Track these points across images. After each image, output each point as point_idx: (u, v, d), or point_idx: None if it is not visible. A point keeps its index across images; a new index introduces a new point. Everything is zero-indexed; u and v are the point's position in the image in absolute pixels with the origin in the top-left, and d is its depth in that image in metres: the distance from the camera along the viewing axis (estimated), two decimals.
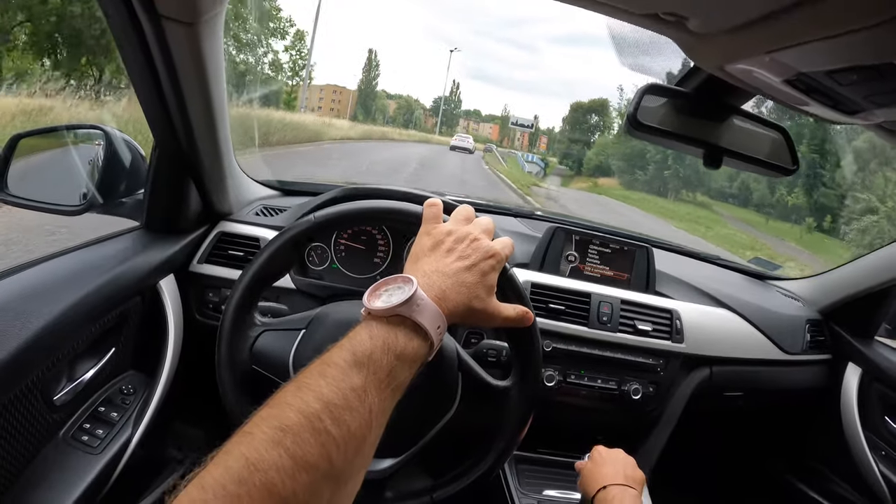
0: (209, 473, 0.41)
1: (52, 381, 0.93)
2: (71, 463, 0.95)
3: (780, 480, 1.84)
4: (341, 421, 0.47)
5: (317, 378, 0.49)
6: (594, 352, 1.35)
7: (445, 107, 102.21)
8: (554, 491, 1.31)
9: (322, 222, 0.87)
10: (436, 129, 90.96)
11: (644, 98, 0.78)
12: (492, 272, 0.68)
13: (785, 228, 19.95)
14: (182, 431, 1.40)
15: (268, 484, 0.41)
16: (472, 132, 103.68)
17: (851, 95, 0.57)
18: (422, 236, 0.71)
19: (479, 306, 0.66)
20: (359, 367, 0.52)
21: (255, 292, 0.88)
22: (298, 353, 0.83)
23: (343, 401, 0.48)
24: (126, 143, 1.16)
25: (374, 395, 0.51)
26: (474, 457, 0.86)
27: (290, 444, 0.43)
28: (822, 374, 1.65)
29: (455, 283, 0.64)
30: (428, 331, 0.58)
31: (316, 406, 0.46)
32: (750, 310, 1.54)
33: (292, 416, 0.45)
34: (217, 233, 1.32)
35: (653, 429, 1.44)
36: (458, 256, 0.66)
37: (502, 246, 0.70)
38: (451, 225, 0.71)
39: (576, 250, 1.46)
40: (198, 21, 0.86)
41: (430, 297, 0.60)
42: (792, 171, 0.84)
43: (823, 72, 0.52)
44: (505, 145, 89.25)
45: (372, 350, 0.53)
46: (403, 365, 0.55)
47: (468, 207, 0.75)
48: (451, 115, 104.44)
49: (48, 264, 0.98)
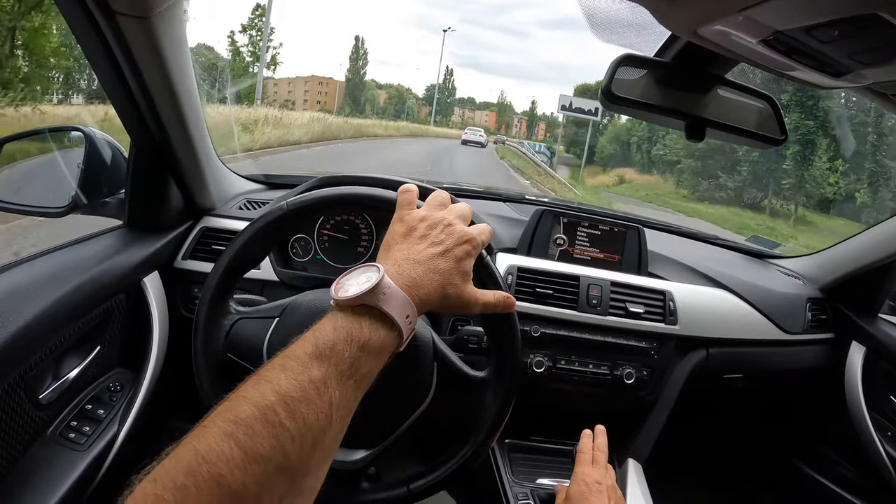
0: (161, 467, 0.41)
1: (37, 380, 0.93)
2: (58, 460, 0.95)
3: (786, 464, 1.81)
4: (297, 413, 0.46)
5: (277, 371, 0.49)
6: (584, 336, 1.32)
7: (439, 95, 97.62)
8: (547, 479, 1.28)
9: (294, 209, 0.85)
10: (430, 119, 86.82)
11: (619, 70, 0.75)
12: (467, 258, 0.66)
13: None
14: (176, 427, 1.38)
15: (216, 476, 0.41)
16: (468, 120, 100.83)
17: (834, 55, 0.55)
18: (395, 223, 0.69)
19: (454, 293, 0.64)
20: (319, 358, 0.50)
21: (230, 281, 0.87)
22: (272, 342, 0.82)
23: (301, 393, 0.47)
24: (107, 142, 1.16)
25: (335, 387, 0.50)
26: (451, 448, 0.85)
27: (241, 436, 0.43)
28: (824, 353, 1.61)
29: (427, 270, 0.62)
30: (395, 320, 0.57)
31: (271, 398, 0.46)
32: (747, 289, 1.49)
33: (246, 409, 0.45)
34: (200, 228, 1.31)
35: (648, 414, 1.41)
36: (431, 243, 0.65)
37: (478, 232, 0.68)
38: (425, 210, 0.70)
39: (564, 233, 1.43)
40: (151, 14, 0.85)
41: (398, 284, 0.58)
42: (780, 142, 0.81)
43: (801, 28, 0.49)
44: (502, 132, 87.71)
45: (335, 341, 0.52)
46: (368, 356, 0.54)
47: (443, 193, 0.74)
48: (445, 105, 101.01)
49: (28, 265, 0.98)
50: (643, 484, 1.33)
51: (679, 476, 1.70)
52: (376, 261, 0.64)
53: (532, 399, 1.32)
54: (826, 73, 0.59)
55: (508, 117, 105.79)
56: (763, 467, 1.91)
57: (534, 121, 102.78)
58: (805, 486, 1.74)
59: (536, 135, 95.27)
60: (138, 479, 0.41)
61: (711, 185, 22.06)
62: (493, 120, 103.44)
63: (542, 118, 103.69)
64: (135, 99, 1.03)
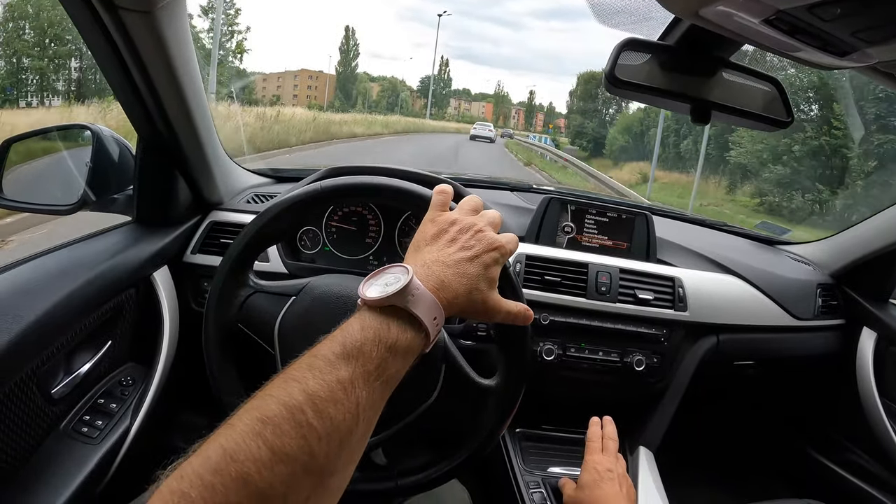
0: (189, 464, 0.41)
1: (49, 376, 0.94)
2: (71, 454, 0.96)
3: (797, 451, 1.79)
4: (325, 413, 0.46)
5: (304, 370, 0.49)
6: (594, 323, 1.31)
7: (434, 86, 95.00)
8: (558, 468, 1.28)
9: (328, 191, 0.85)
10: (425, 111, 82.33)
11: (622, 55, 0.74)
12: (494, 265, 0.66)
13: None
14: (187, 421, 1.42)
15: (243, 474, 0.41)
16: (464, 112, 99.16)
17: (838, 33, 0.54)
18: (426, 223, 0.70)
19: (480, 298, 0.64)
20: (347, 359, 0.50)
21: (252, 253, 0.88)
22: (285, 319, 0.83)
23: (328, 393, 0.47)
24: (115, 139, 1.16)
25: (363, 387, 0.50)
26: (445, 450, 0.85)
27: (269, 435, 0.43)
28: (835, 339, 1.59)
29: (455, 274, 0.62)
30: (423, 322, 0.57)
31: (299, 398, 0.46)
32: (756, 275, 1.48)
33: (274, 408, 0.45)
34: (209, 222, 1.31)
35: (659, 401, 1.40)
36: (461, 247, 0.65)
37: (507, 240, 0.68)
38: (457, 214, 0.70)
39: (572, 220, 1.43)
40: (154, 9, 0.86)
41: (427, 286, 0.58)
42: (786, 124, 0.81)
43: (803, 7, 0.49)
44: (500, 124, 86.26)
45: (363, 342, 0.52)
46: (395, 357, 0.54)
47: (476, 198, 0.74)
48: (441, 96, 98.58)
49: (38, 261, 0.99)
50: (654, 472, 1.32)
51: (690, 464, 1.69)
52: (404, 260, 0.64)
53: (542, 387, 1.31)
54: (830, 53, 0.57)
55: (506, 108, 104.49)
56: (774, 454, 1.89)
57: (532, 111, 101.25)
58: (816, 474, 1.73)
59: (535, 126, 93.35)
60: (164, 475, 0.41)
61: (806, 201, 13.81)
62: (490, 111, 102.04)
63: (539, 108, 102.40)
64: (140, 95, 1.03)
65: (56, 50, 19.66)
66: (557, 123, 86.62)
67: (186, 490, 0.39)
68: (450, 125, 63.97)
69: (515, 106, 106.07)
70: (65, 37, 20.24)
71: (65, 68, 20.20)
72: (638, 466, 1.33)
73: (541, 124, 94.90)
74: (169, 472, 0.41)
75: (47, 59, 15.49)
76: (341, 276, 0.89)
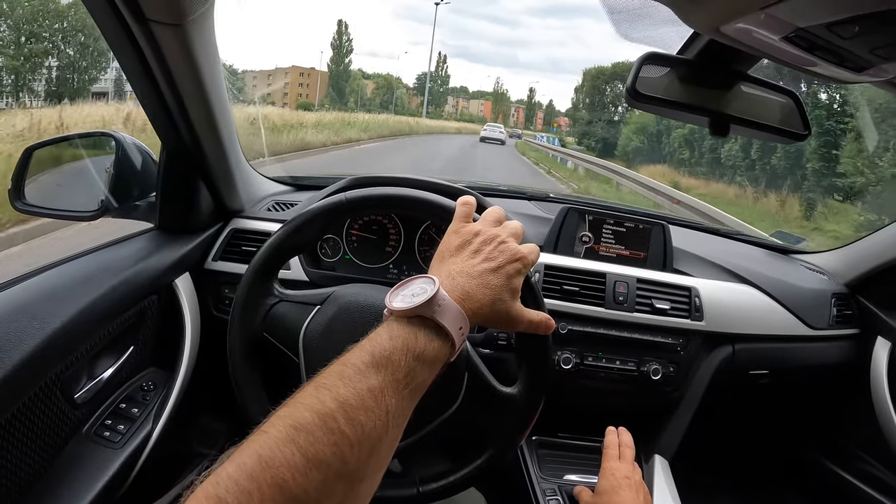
0: (224, 469, 0.42)
1: (72, 380, 0.95)
2: (93, 458, 0.96)
3: (812, 461, 1.78)
4: (356, 421, 0.47)
5: (335, 379, 0.50)
6: (611, 332, 1.31)
7: (431, 83, 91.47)
8: (574, 475, 1.28)
9: (353, 202, 0.87)
10: (422, 110, 79.45)
11: (643, 68, 0.76)
12: (517, 276, 0.67)
13: None
14: (206, 426, 1.42)
15: (279, 480, 0.41)
16: (463, 110, 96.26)
17: (856, 50, 0.54)
18: (450, 234, 0.71)
19: (503, 308, 0.65)
20: (377, 367, 0.52)
21: (277, 261, 0.88)
22: (310, 328, 0.84)
23: (359, 401, 0.48)
24: (137, 147, 1.17)
25: (392, 395, 0.51)
26: (466, 457, 0.85)
27: (302, 442, 0.44)
28: (850, 349, 1.58)
29: (479, 285, 0.63)
30: (449, 331, 0.58)
31: (331, 406, 0.47)
32: (772, 284, 1.48)
33: (307, 415, 0.46)
34: (230, 230, 1.33)
35: (675, 410, 1.40)
36: (485, 258, 0.66)
37: (529, 251, 0.69)
38: (480, 225, 0.71)
39: (590, 230, 1.43)
40: (185, 21, 0.87)
41: (453, 297, 0.60)
42: (804, 137, 0.82)
43: (823, 25, 0.50)
44: (499, 122, 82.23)
45: (391, 351, 0.53)
46: (423, 366, 0.55)
47: (499, 209, 0.75)
48: (438, 94, 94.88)
49: (64, 267, 1.00)
50: (670, 480, 1.32)
51: (705, 473, 1.68)
52: (428, 271, 0.66)
53: (560, 396, 1.30)
54: (847, 69, 0.58)
55: (505, 106, 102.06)
56: (789, 465, 1.87)
57: (532, 110, 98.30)
58: (831, 484, 1.71)
59: (535, 124, 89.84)
60: (199, 481, 0.42)
61: None
62: (489, 109, 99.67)
63: (539, 106, 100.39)
64: (167, 104, 1.04)
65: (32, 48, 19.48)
66: (559, 122, 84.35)
67: (223, 495, 0.40)
68: (449, 125, 59.87)
69: (514, 104, 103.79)
70: (41, 34, 19.88)
71: (42, 67, 20.07)
72: (654, 475, 1.33)
73: (541, 123, 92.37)
74: (203, 478, 0.42)
75: (23, 59, 15.35)
76: (365, 286, 0.90)
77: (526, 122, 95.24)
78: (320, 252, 1.37)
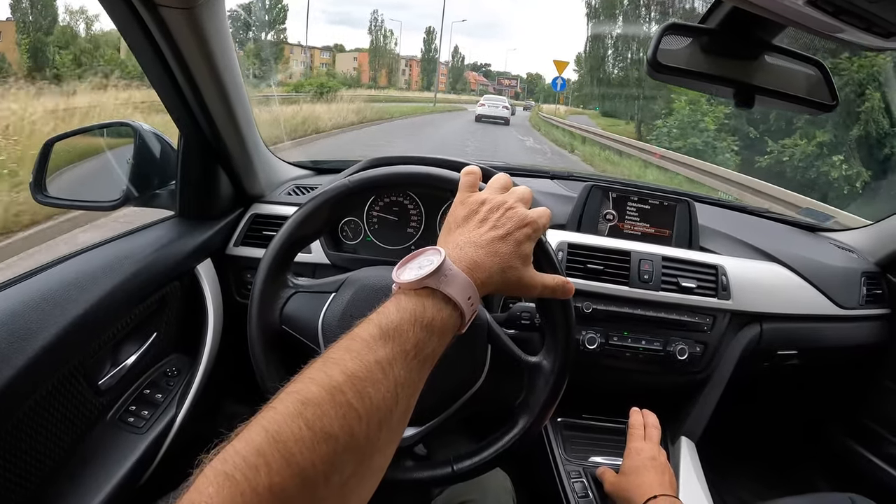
0: (232, 446, 0.41)
1: (96, 367, 0.95)
2: (118, 443, 0.97)
3: (839, 444, 1.72)
4: (364, 393, 0.46)
5: (342, 352, 0.49)
6: (636, 311, 1.27)
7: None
8: (599, 457, 1.25)
9: (355, 186, 0.85)
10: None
11: (664, 39, 0.73)
12: (527, 241, 0.65)
13: None
14: (230, 410, 1.42)
15: (286, 454, 0.41)
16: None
17: (883, 14, 0.51)
18: (456, 205, 0.69)
19: (514, 276, 0.64)
20: (384, 339, 0.51)
21: (288, 255, 0.87)
22: (328, 316, 0.82)
23: (367, 373, 0.48)
24: (155, 135, 1.17)
25: (401, 367, 0.50)
26: (500, 431, 0.82)
27: (310, 416, 0.43)
28: (880, 329, 1.52)
29: (487, 254, 0.62)
30: (457, 301, 0.57)
31: (339, 379, 0.46)
32: (800, 263, 1.42)
33: (314, 390, 0.45)
34: (251, 215, 1.31)
35: (701, 391, 1.36)
36: (492, 226, 0.65)
37: (538, 215, 0.67)
38: (486, 193, 0.69)
39: (614, 208, 1.39)
40: (195, 5, 0.84)
41: (460, 267, 0.59)
42: (832, 108, 0.78)
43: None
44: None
45: (399, 322, 0.53)
46: (432, 336, 0.54)
47: (505, 176, 0.72)
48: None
49: (86, 255, 1.00)
50: (696, 462, 1.28)
51: (731, 455, 1.62)
52: (437, 243, 0.64)
53: (585, 376, 1.26)
54: (875, 34, 0.56)
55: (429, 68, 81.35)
56: (816, 447, 1.81)
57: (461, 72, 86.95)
58: (859, 467, 1.66)
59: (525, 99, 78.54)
60: (207, 459, 0.41)
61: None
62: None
63: (472, 67, 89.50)
64: (182, 91, 1.02)
65: None
66: (505, 84, 77.97)
67: (230, 472, 0.39)
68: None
69: (443, 65, 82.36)
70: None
71: None
72: (679, 457, 1.29)
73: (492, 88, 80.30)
74: (212, 456, 0.41)
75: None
76: (378, 268, 0.88)
77: (516, 96, 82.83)
78: (341, 235, 1.34)
